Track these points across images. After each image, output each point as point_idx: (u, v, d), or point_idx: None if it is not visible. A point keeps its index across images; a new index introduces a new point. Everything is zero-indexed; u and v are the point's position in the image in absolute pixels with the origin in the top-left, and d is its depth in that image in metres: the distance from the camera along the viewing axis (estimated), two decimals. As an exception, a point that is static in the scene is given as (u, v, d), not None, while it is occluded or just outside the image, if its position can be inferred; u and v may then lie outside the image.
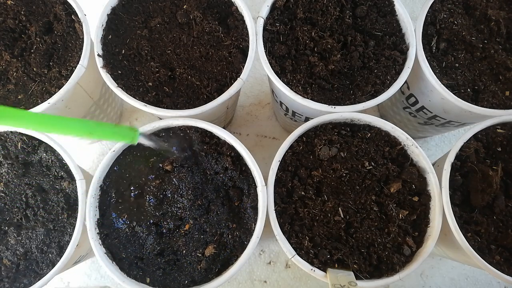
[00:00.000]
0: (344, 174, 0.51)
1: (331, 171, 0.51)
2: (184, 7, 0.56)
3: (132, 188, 0.52)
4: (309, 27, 0.55)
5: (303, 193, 0.51)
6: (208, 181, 0.52)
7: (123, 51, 0.55)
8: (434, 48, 0.57)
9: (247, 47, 0.54)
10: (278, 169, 0.51)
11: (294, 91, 0.53)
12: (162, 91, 0.55)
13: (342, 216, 0.50)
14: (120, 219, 0.51)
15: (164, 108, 0.53)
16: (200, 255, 0.50)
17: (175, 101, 0.54)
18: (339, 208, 0.50)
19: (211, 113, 0.57)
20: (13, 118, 0.34)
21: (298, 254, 0.48)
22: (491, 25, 0.57)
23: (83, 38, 0.56)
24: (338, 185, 0.51)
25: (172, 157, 0.52)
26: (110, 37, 0.56)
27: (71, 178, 0.53)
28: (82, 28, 0.56)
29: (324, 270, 0.48)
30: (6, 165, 0.53)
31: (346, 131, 0.54)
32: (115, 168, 0.53)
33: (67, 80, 0.54)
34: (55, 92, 0.54)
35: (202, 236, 0.50)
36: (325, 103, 0.53)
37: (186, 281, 0.49)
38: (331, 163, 0.52)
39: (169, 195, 0.51)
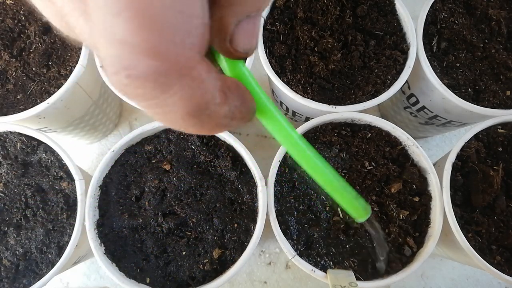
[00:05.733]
0: (343, 174, 0.51)
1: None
2: (184, 6, 0.56)
3: (131, 188, 0.52)
4: (309, 26, 0.55)
5: (303, 193, 0.51)
6: (208, 181, 0.52)
7: (123, 50, 0.55)
8: (435, 47, 0.57)
9: (247, 46, 0.54)
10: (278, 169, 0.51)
11: (294, 90, 0.53)
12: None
13: (341, 216, 0.50)
14: (119, 220, 0.50)
15: (163, 108, 0.53)
16: (199, 255, 0.50)
17: (174, 101, 0.54)
18: (338, 208, 0.50)
19: (211, 113, 0.57)
20: None
21: (299, 255, 0.48)
22: (492, 25, 0.57)
23: (82, 38, 0.55)
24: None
25: (169, 156, 0.52)
26: (109, 36, 0.55)
27: (71, 179, 0.53)
28: (82, 28, 0.56)
29: (324, 271, 0.48)
30: (5, 165, 0.53)
31: (346, 131, 0.53)
32: (114, 168, 0.53)
33: (66, 80, 0.54)
34: (54, 92, 0.54)
35: (202, 237, 0.50)
36: (325, 103, 0.53)
37: (186, 282, 0.49)
38: (331, 163, 0.51)
39: (169, 195, 0.51)
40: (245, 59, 0.25)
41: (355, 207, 0.38)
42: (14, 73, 0.55)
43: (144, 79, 0.16)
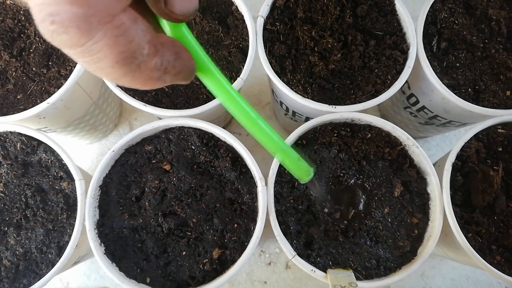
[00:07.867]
0: (342, 175, 0.51)
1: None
2: (184, 6, 0.56)
3: (132, 188, 0.52)
4: (309, 26, 0.55)
5: (303, 193, 0.50)
6: (208, 181, 0.52)
7: (123, 50, 0.55)
8: (435, 47, 0.57)
9: (247, 46, 0.54)
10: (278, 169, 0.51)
11: (294, 90, 0.53)
12: (161, 91, 0.54)
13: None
14: (120, 220, 0.50)
15: (163, 108, 0.53)
16: (199, 255, 0.50)
17: (174, 100, 0.54)
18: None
19: (210, 113, 0.57)
20: None
21: (299, 255, 0.48)
22: (491, 25, 0.57)
23: (82, 38, 0.55)
24: (336, 186, 0.51)
25: (169, 157, 0.52)
26: (109, 36, 0.55)
27: (71, 179, 0.53)
28: (82, 28, 0.56)
29: (324, 271, 0.48)
30: (5, 165, 0.53)
31: (346, 131, 0.53)
32: (114, 168, 0.53)
33: (66, 80, 0.54)
34: (54, 92, 0.54)
35: (202, 237, 0.50)
36: (325, 103, 0.53)
37: (186, 282, 0.49)
38: (330, 164, 0.51)
39: (169, 195, 0.51)
40: (186, 22, 0.25)
41: (298, 168, 0.40)
42: (14, 73, 0.55)
43: (67, 25, 0.18)
